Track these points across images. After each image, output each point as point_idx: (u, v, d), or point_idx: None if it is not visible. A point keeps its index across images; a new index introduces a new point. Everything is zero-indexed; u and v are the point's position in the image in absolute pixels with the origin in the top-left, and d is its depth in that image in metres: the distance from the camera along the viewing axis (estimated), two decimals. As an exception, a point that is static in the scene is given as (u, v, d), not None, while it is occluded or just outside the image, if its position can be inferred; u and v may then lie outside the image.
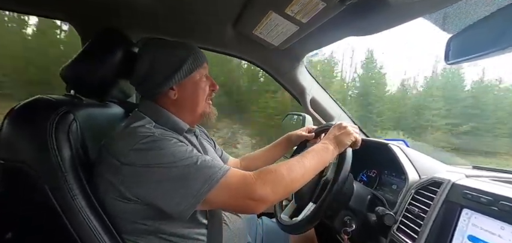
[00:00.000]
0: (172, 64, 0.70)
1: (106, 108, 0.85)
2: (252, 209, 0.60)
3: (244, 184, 0.59)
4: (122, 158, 0.58)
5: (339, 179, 0.70)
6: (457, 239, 0.60)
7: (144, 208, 0.60)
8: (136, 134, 0.60)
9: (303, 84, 1.16)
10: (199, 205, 0.57)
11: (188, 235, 0.67)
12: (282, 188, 0.62)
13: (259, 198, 0.59)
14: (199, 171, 0.57)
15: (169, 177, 0.56)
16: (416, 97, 13.07)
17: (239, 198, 0.59)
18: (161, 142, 0.59)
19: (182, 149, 0.60)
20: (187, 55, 0.72)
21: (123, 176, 0.58)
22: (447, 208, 0.64)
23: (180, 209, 0.57)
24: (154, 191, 0.57)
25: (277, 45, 0.97)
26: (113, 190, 0.60)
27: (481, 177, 0.69)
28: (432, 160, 0.89)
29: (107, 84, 0.77)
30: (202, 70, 0.76)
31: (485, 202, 0.56)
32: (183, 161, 0.58)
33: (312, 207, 0.75)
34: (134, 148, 0.58)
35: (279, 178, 0.61)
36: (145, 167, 0.57)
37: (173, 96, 0.72)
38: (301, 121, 1.14)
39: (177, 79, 0.71)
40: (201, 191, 0.56)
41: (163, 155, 0.57)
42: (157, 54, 0.71)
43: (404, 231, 0.70)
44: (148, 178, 0.57)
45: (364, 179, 1.15)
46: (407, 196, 0.77)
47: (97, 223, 0.58)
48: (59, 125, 0.58)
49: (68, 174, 0.56)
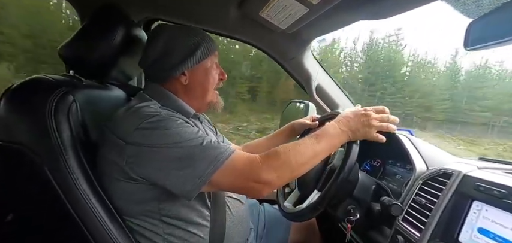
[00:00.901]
0: (186, 49, 0.70)
1: (106, 90, 0.83)
2: (257, 192, 0.60)
3: (250, 166, 0.59)
4: (127, 138, 0.57)
5: (346, 167, 0.68)
6: (466, 231, 0.59)
7: (148, 189, 0.60)
8: (142, 114, 0.59)
9: (309, 70, 1.13)
10: (204, 186, 0.57)
11: (191, 219, 0.66)
12: (288, 172, 0.61)
13: (265, 181, 0.58)
14: (205, 152, 0.57)
15: (175, 157, 0.56)
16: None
17: (244, 180, 0.59)
18: (167, 121, 0.59)
19: (188, 130, 0.59)
20: (200, 41, 0.71)
21: (127, 156, 0.57)
22: (457, 200, 0.63)
23: (186, 189, 0.56)
24: (159, 171, 0.57)
25: (284, 29, 0.93)
26: (117, 171, 0.59)
27: (493, 169, 0.67)
28: (440, 150, 0.87)
29: (106, 64, 0.74)
30: (214, 58, 0.75)
31: (499, 195, 0.55)
32: (189, 141, 0.57)
33: (317, 196, 0.73)
34: (139, 127, 0.57)
35: (286, 162, 0.60)
36: (150, 146, 0.56)
37: (184, 82, 0.71)
38: (304, 109, 1.11)
39: (190, 64, 0.70)
40: (207, 171, 0.56)
41: (169, 135, 0.57)
42: (172, 38, 0.70)
43: (410, 222, 0.69)
44: (153, 158, 0.57)
45: (368, 169, 1.14)
46: (415, 186, 0.75)
47: (99, 205, 0.57)
48: (59, 106, 0.56)
49: (69, 156, 0.54)
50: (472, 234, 0.57)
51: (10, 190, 0.57)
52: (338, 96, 1.19)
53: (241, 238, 0.78)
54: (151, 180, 0.59)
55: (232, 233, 0.74)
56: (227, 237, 0.73)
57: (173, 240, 0.65)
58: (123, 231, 0.59)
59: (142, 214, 0.63)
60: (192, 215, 0.66)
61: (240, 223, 0.78)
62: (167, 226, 0.64)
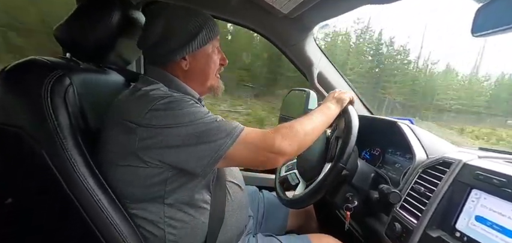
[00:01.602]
0: (187, 33, 0.68)
1: (105, 74, 0.81)
2: (273, 161, 0.63)
3: (263, 138, 0.62)
4: (140, 121, 0.57)
5: (344, 155, 0.69)
6: (464, 218, 0.59)
7: (159, 172, 0.60)
8: (153, 96, 0.59)
9: (310, 58, 1.10)
10: (221, 161, 0.58)
11: (194, 203, 0.67)
12: (298, 141, 0.65)
13: (279, 151, 0.61)
14: (220, 127, 0.59)
15: (191, 134, 0.57)
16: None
17: (260, 152, 0.61)
18: (180, 102, 0.59)
19: (201, 109, 0.60)
20: (202, 25, 0.69)
21: (140, 139, 0.57)
22: (455, 188, 0.63)
23: (203, 164, 0.58)
24: (175, 150, 0.57)
25: (287, 13, 0.91)
26: (126, 156, 0.59)
27: (494, 158, 0.67)
28: (440, 140, 0.87)
29: (104, 47, 0.72)
30: (215, 42, 0.74)
31: (498, 183, 0.55)
32: (203, 119, 0.59)
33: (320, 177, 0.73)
34: (152, 108, 0.57)
35: (294, 131, 0.65)
36: (165, 127, 0.56)
37: (185, 67, 0.70)
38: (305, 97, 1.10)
39: (191, 49, 0.68)
40: (224, 145, 0.57)
41: (184, 115, 0.58)
42: (172, 20, 0.67)
43: (408, 210, 0.70)
44: (169, 138, 0.57)
45: (367, 157, 1.14)
46: (414, 174, 0.75)
47: (98, 189, 0.57)
48: (55, 88, 0.54)
49: (67, 140, 0.54)
50: (469, 222, 0.58)
51: (9, 173, 0.57)
52: (340, 84, 1.17)
53: (240, 224, 0.79)
54: (165, 161, 0.59)
55: (231, 219, 0.75)
56: (225, 223, 0.73)
57: (173, 223, 0.65)
58: (123, 215, 0.59)
59: (145, 199, 0.63)
60: (194, 199, 0.67)
61: (239, 209, 0.79)
62: (169, 210, 0.64)
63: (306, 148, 0.69)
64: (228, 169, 0.81)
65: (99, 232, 0.56)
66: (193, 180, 0.65)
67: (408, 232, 0.65)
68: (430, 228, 0.62)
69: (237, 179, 0.83)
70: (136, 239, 0.61)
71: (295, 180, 0.82)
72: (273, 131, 0.64)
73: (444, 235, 0.60)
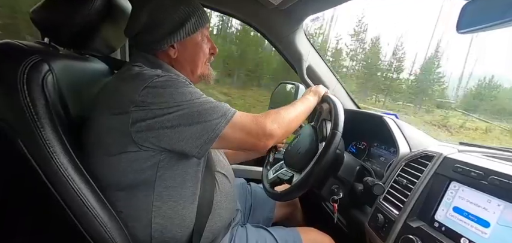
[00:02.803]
0: (175, 20, 0.67)
1: (87, 62, 0.78)
2: (263, 144, 0.66)
3: (255, 120, 0.64)
4: (134, 97, 0.55)
5: (329, 152, 0.69)
6: (442, 209, 0.62)
7: (150, 156, 0.59)
8: (149, 74, 0.59)
9: (300, 51, 1.10)
10: (216, 141, 0.59)
11: (183, 192, 0.66)
12: (285, 125, 0.69)
13: (270, 133, 0.65)
14: (215, 108, 0.60)
15: (188, 114, 0.57)
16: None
17: (252, 133, 0.64)
18: (177, 81, 0.59)
19: (196, 90, 0.61)
20: (191, 13, 0.68)
21: (134, 120, 0.56)
22: (435, 180, 0.65)
23: (199, 143, 0.58)
24: (171, 131, 0.57)
25: (277, 4, 0.90)
26: (116, 140, 0.58)
27: (473, 152, 0.70)
28: (423, 134, 0.89)
29: (85, 33, 0.69)
30: (205, 31, 0.73)
31: (475, 176, 0.57)
32: (199, 99, 0.59)
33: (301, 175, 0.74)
34: (149, 85, 0.56)
35: (281, 116, 0.69)
36: (162, 106, 0.56)
37: (173, 55, 0.69)
38: (294, 90, 1.11)
39: (180, 37, 0.68)
40: (219, 124, 0.59)
41: (181, 94, 0.58)
42: (160, 7, 0.66)
43: (390, 201, 0.72)
44: (164, 118, 0.56)
45: (353, 151, 1.17)
46: (397, 167, 0.78)
47: (79, 180, 0.54)
48: (31, 74, 0.51)
49: (45, 129, 0.51)
50: (447, 213, 0.60)
51: None
52: (328, 78, 1.18)
53: (227, 215, 0.79)
54: (160, 144, 0.58)
55: (218, 210, 0.74)
56: (213, 214, 0.73)
57: (161, 213, 0.63)
58: (105, 205, 0.58)
59: (134, 186, 0.61)
60: (184, 187, 0.66)
61: (226, 200, 0.79)
62: (158, 198, 0.63)
63: (291, 132, 0.74)
64: (217, 159, 0.81)
65: (79, 223, 0.54)
66: (185, 165, 0.65)
67: (390, 223, 0.68)
68: (411, 219, 0.64)
69: (226, 170, 0.83)
70: (119, 229, 0.59)
71: (288, 174, 0.82)
72: (263, 116, 0.67)
73: (424, 225, 0.62)
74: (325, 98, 0.83)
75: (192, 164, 0.66)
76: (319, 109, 0.87)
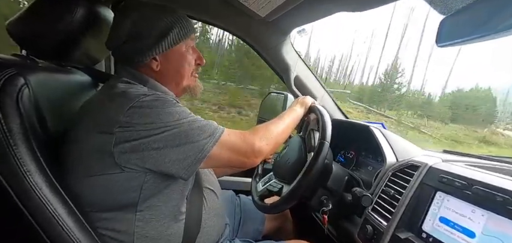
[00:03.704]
0: (156, 32, 0.64)
1: (68, 74, 0.75)
2: (252, 161, 0.66)
3: (243, 138, 0.64)
4: (118, 118, 0.53)
5: (317, 162, 0.69)
6: (429, 220, 0.62)
7: (134, 177, 0.56)
8: (135, 93, 0.57)
9: (288, 61, 1.11)
10: (204, 161, 0.58)
11: (168, 211, 0.63)
12: (273, 140, 0.69)
13: (258, 150, 0.65)
14: (202, 128, 0.59)
15: (175, 134, 0.55)
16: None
17: (241, 152, 0.63)
18: (164, 101, 0.58)
19: (184, 109, 0.60)
20: (173, 23, 0.66)
21: (117, 140, 0.53)
22: (422, 190, 0.66)
23: (186, 164, 0.57)
24: (157, 153, 0.55)
25: (264, 16, 0.90)
26: (98, 160, 0.55)
27: (456, 162, 0.71)
28: (409, 143, 0.91)
29: (67, 44, 0.67)
30: (190, 42, 0.71)
31: (460, 186, 0.58)
32: (187, 118, 0.58)
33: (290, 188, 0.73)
34: (135, 105, 0.54)
35: (270, 131, 0.69)
36: (148, 127, 0.54)
37: (156, 67, 0.67)
38: (283, 100, 1.11)
39: (161, 49, 0.65)
40: (207, 145, 0.58)
41: (169, 113, 0.56)
42: (141, 18, 0.64)
43: (379, 212, 0.72)
44: (150, 139, 0.54)
45: (342, 160, 1.17)
46: (384, 177, 0.78)
47: (55, 201, 0.51)
48: (6, 88, 0.49)
49: (18, 147, 0.48)
50: (434, 223, 0.61)
51: None
52: (316, 88, 1.19)
53: (216, 232, 0.77)
54: (145, 166, 0.55)
55: (207, 228, 0.72)
56: (202, 232, 0.71)
57: (144, 233, 0.60)
58: (84, 228, 0.54)
59: (115, 207, 0.58)
60: (169, 207, 0.63)
61: (215, 216, 0.77)
62: (141, 218, 0.60)
63: (279, 146, 0.74)
64: (204, 175, 0.79)
65: None
66: (171, 185, 0.62)
67: (379, 234, 0.67)
68: (399, 230, 0.64)
69: (213, 185, 0.81)
70: None
71: (278, 186, 0.81)
72: (251, 133, 0.66)
73: (412, 236, 0.62)
74: (313, 108, 0.83)
75: (178, 184, 0.64)
76: (306, 119, 0.87)
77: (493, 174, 0.59)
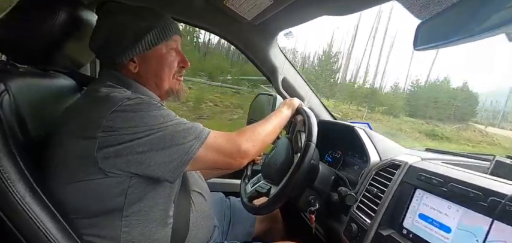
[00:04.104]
0: (134, 33, 0.64)
1: (50, 79, 0.74)
2: (238, 163, 0.66)
3: (230, 140, 0.64)
4: (101, 121, 0.52)
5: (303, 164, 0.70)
6: (409, 217, 0.65)
7: (119, 182, 0.56)
8: (118, 96, 0.56)
9: (275, 63, 1.13)
10: (190, 164, 0.58)
11: (155, 216, 0.63)
12: (260, 141, 0.69)
13: (244, 152, 0.65)
14: (188, 130, 0.59)
15: (160, 137, 0.55)
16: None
17: (227, 153, 0.63)
18: (149, 104, 0.57)
19: (169, 112, 0.59)
20: (152, 24, 0.65)
21: (101, 145, 0.52)
22: (403, 188, 0.68)
23: (172, 167, 0.56)
24: (142, 157, 0.54)
25: (250, 20, 0.92)
26: (81, 166, 0.54)
27: (434, 160, 0.74)
28: (392, 142, 0.93)
29: (49, 49, 0.66)
30: (171, 43, 0.69)
31: (437, 183, 0.61)
32: (172, 121, 0.58)
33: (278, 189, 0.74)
34: (117, 109, 0.53)
35: (256, 133, 0.69)
36: (131, 131, 0.53)
37: (134, 69, 0.66)
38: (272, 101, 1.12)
39: (137, 50, 0.64)
40: (193, 147, 0.57)
41: (154, 116, 0.56)
42: (119, 20, 0.64)
43: (363, 210, 0.74)
44: (134, 143, 0.53)
45: (329, 160, 1.20)
46: (368, 176, 0.80)
47: (38, 209, 0.50)
48: None
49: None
50: (414, 220, 0.63)
51: None
52: (303, 90, 1.21)
53: (205, 235, 0.77)
54: (130, 170, 0.55)
55: (195, 231, 0.72)
56: (190, 234, 0.71)
57: (130, 238, 0.60)
58: (69, 235, 0.54)
59: (101, 213, 0.58)
60: (156, 211, 0.63)
61: (203, 219, 0.77)
62: (127, 224, 0.59)
63: (266, 147, 0.75)
64: (192, 178, 0.79)
65: None
66: (157, 189, 0.62)
67: (363, 232, 0.69)
68: (382, 228, 0.67)
69: (201, 188, 0.81)
70: None
71: (266, 187, 0.82)
72: (237, 134, 0.66)
73: (394, 233, 0.64)
74: (299, 110, 0.85)
75: (164, 187, 0.63)
76: (293, 121, 0.88)
77: (467, 171, 0.62)
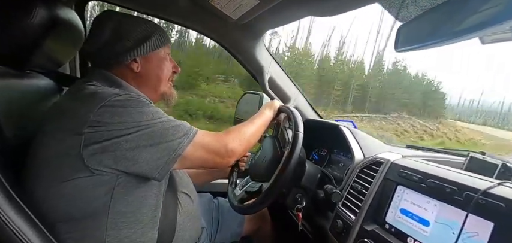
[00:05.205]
0: (138, 35, 0.67)
1: (28, 79, 0.71)
2: (225, 162, 0.67)
3: (217, 139, 0.65)
4: (87, 116, 0.51)
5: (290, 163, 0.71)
6: (391, 212, 0.67)
7: (104, 181, 0.54)
8: (106, 92, 0.55)
9: (261, 63, 1.13)
10: (177, 161, 0.58)
11: (141, 217, 0.61)
12: (246, 141, 0.71)
13: (231, 150, 0.66)
14: (176, 127, 0.59)
15: (149, 134, 0.55)
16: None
17: (214, 151, 0.64)
18: (137, 101, 0.57)
19: (158, 109, 0.60)
20: (153, 30, 0.69)
21: (86, 141, 0.51)
22: (385, 185, 0.71)
23: (160, 164, 0.56)
24: (130, 154, 0.54)
25: (236, 19, 0.91)
26: (65, 165, 0.52)
27: (415, 157, 0.77)
28: (376, 140, 0.97)
29: (25, 49, 0.63)
30: (167, 49, 0.74)
31: (417, 180, 0.64)
32: (161, 118, 0.58)
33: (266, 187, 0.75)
34: (106, 104, 0.53)
35: (242, 133, 0.71)
36: (119, 127, 0.53)
37: (136, 69, 0.67)
38: (259, 100, 1.13)
39: (144, 50, 0.67)
40: (181, 144, 0.58)
41: (142, 113, 0.56)
42: (122, 24, 0.66)
43: (348, 207, 0.76)
44: (122, 139, 0.53)
45: (315, 158, 1.22)
46: (353, 174, 0.83)
47: (17, 216, 0.47)
48: None
49: None
50: (395, 215, 0.66)
51: None
52: (289, 89, 1.22)
53: (192, 237, 0.77)
54: (117, 167, 0.54)
55: (182, 231, 0.72)
56: (177, 236, 0.70)
57: (116, 241, 0.58)
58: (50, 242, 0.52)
59: (85, 216, 0.56)
60: (142, 212, 0.62)
61: (190, 220, 0.76)
62: (112, 225, 0.58)
63: (251, 147, 0.76)
64: (179, 179, 0.78)
65: None
66: (143, 189, 0.61)
67: (348, 227, 0.72)
68: (366, 223, 0.69)
69: (188, 189, 0.80)
70: None
71: (257, 186, 0.82)
72: (224, 134, 0.68)
73: (377, 228, 0.67)
74: (282, 109, 0.86)
75: (151, 187, 0.63)
76: (277, 120, 0.89)
77: (443, 167, 0.65)
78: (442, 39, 0.54)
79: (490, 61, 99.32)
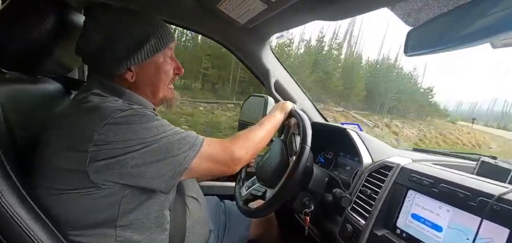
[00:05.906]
0: (132, 41, 0.60)
1: (38, 84, 0.72)
2: (232, 170, 0.66)
3: (223, 148, 0.64)
4: (92, 135, 0.51)
5: (299, 167, 0.71)
6: (402, 217, 0.67)
7: (111, 194, 0.54)
8: (109, 108, 0.54)
9: (267, 66, 1.13)
10: (185, 173, 0.58)
11: (151, 223, 0.62)
12: (253, 148, 0.70)
13: (238, 159, 0.65)
14: (182, 140, 0.58)
15: (155, 150, 0.54)
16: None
17: (220, 161, 0.64)
18: (141, 116, 0.56)
19: (163, 123, 0.58)
20: (151, 32, 0.62)
21: (92, 158, 0.51)
22: (395, 189, 0.70)
23: (167, 178, 0.56)
24: (136, 170, 0.53)
25: (243, 23, 0.91)
26: (72, 179, 0.52)
27: (425, 161, 0.77)
28: (383, 144, 0.96)
29: (37, 54, 0.64)
30: (167, 51, 0.67)
31: (428, 184, 0.63)
32: (166, 132, 0.57)
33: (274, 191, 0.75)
34: (109, 121, 0.52)
35: (250, 140, 0.70)
36: (125, 144, 0.52)
37: (130, 79, 0.63)
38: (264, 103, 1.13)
39: (136, 60, 0.61)
40: (187, 158, 0.57)
41: (147, 129, 0.55)
42: (115, 25, 0.60)
43: (357, 211, 0.76)
44: (128, 157, 0.52)
45: (322, 161, 1.21)
46: (361, 178, 0.82)
47: (32, 221, 0.48)
48: None
49: None
50: (406, 220, 0.65)
51: None
52: (295, 92, 1.22)
53: (200, 241, 0.76)
54: (122, 181, 0.54)
55: (191, 235, 0.72)
56: (187, 240, 0.70)
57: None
58: None
59: (94, 225, 0.56)
60: (152, 218, 0.62)
61: (198, 224, 0.76)
62: (121, 234, 0.58)
63: (260, 151, 0.75)
64: (186, 184, 0.78)
65: None
66: (151, 198, 0.61)
67: (358, 232, 0.71)
68: (376, 228, 0.68)
69: (196, 193, 0.80)
70: None
71: (262, 190, 0.82)
72: (230, 141, 0.67)
73: (388, 233, 0.66)
74: (293, 113, 0.85)
75: (159, 195, 0.62)
76: (287, 123, 0.89)
77: (455, 172, 0.64)
78: (453, 44, 0.53)
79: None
